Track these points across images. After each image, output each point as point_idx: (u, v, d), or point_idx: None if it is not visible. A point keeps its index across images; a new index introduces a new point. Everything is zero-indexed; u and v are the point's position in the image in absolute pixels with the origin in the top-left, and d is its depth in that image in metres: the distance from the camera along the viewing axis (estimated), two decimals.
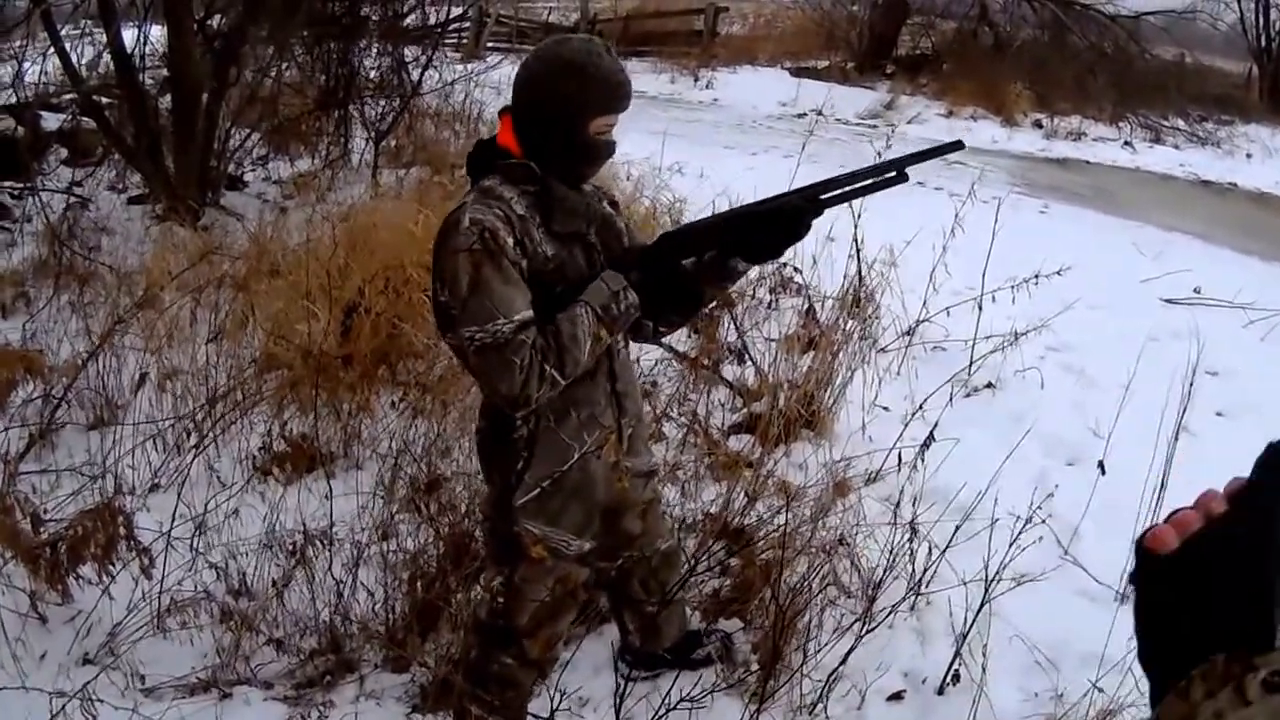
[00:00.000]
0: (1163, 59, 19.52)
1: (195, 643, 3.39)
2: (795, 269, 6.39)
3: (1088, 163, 13.83)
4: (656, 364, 5.28)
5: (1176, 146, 15.67)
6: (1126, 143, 15.50)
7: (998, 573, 3.23)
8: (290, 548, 3.61)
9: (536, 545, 2.63)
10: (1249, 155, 15.48)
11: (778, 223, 2.47)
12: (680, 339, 5.46)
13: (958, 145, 2.61)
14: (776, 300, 6.23)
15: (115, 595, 3.41)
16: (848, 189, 2.48)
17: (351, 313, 4.82)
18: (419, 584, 3.45)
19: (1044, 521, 3.56)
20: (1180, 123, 16.85)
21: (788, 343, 5.52)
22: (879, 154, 5.68)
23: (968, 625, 3.29)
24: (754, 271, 6.26)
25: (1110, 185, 12.27)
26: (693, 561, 3.35)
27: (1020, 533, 3.24)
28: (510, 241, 2.38)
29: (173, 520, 3.55)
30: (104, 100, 8.44)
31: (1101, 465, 3.91)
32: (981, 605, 3.26)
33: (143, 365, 4.98)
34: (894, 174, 2.44)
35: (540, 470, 2.59)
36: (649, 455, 2.98)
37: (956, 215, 5.55)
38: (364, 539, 3.65)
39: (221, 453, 4.45)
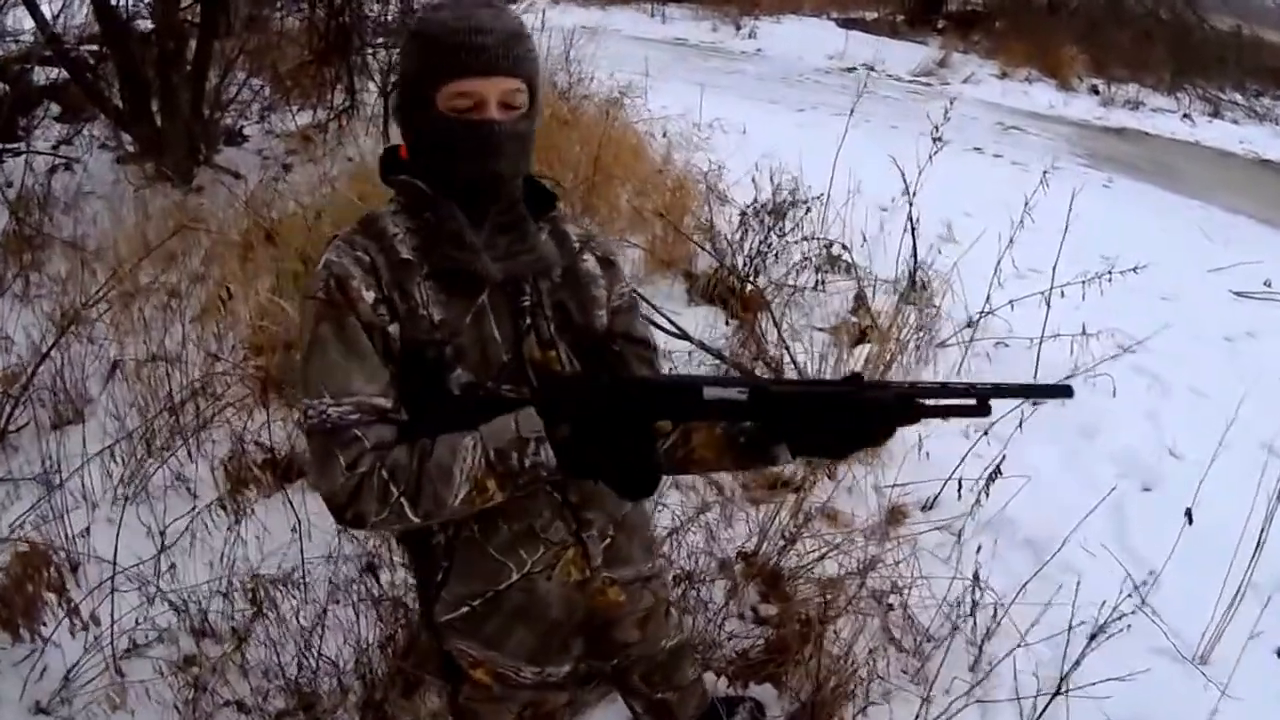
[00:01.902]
0: (1220, 30, 18.72)
1: (152, 693, 2.91)
2: (844, 246, 5.82)
3: (1146, 134, 13.24)
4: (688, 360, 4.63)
5: (1235, 121, 14.99)
6: (1185, 115, 14.82)
7: (1076, 662, 2.71)
8: (250, 594, 3.11)
9: (478, 669, 2.00)
10: None
11: (861, 417, 1.68)
12: (716, 337, 4.87)
13: (1067, 391, 1.74)
14: (823, 281, 5.64)
15: (70, 636, 2.98)
16: (934, 404, 1.70)
17: None
18: (400, 633, 2.95)
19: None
20: (1238, 96, 16.11)
21: (836, 334, 4.97)
22: (936, 125, 5.18)
23: (1036, 714, 2.77)
24: (796, 253, 5.73)
25: (1170, 159, 11.69)
26: (719, 618, 2.86)
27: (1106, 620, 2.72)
28: (368, 296, 1.73)
29: (115, 557, 3.09)
30: (89, 51, 7.92)
31: (1189, 514, 3.38)
32: (1056, 693, 2.73)
33: (105, 355, 4.54)
34: (976, 405, 1.66)
35: (462, 588, 1.93)
36: (647, 559, 2.17)
37: (1026, 204, 4.99)
38: (338, 575, 3.17)
39: (194, 455, 3.95)
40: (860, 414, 1.68)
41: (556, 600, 1.95)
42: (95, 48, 7.91)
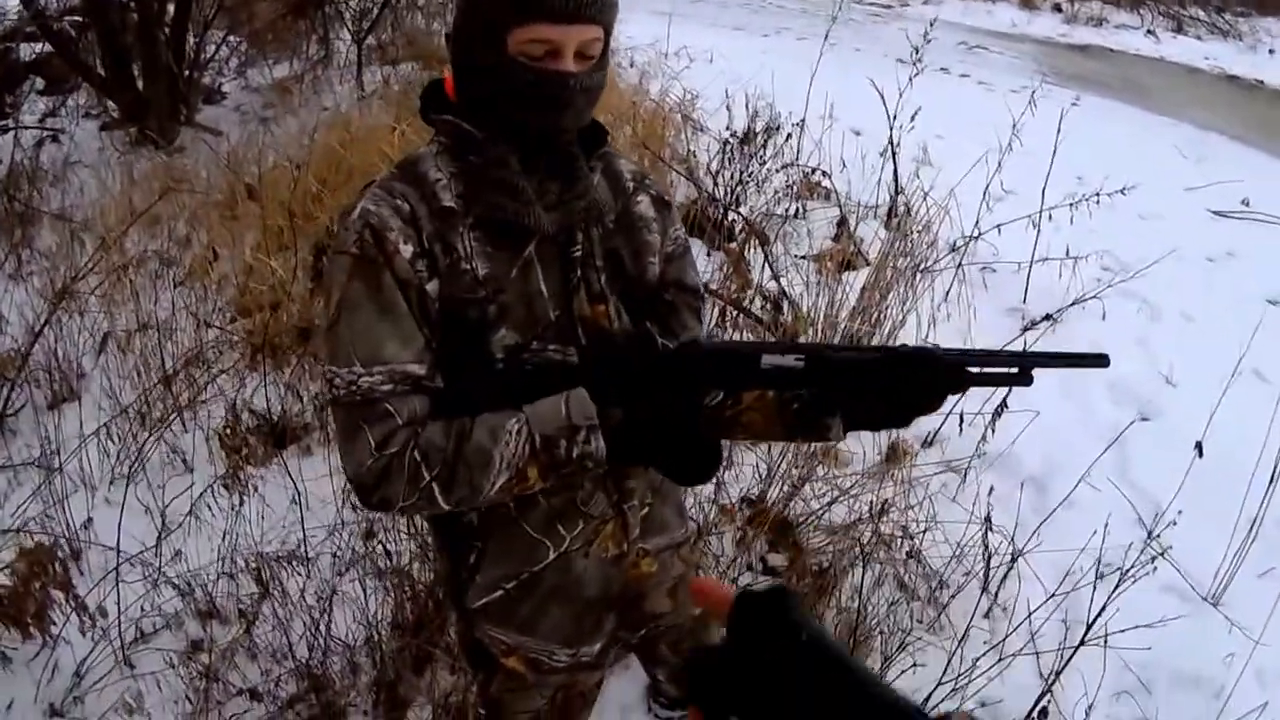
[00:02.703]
0: None
1: (164, 686, 2.77)
2: (824, 173, 5.65)
3: (1111, 50, 13.04)
4: None
5: (1199, 37, 14.83)
6: (1149, 31, 14.60)
7: (1101, 610, 2.58)
8: (256, 574, 2.94)
9: (510, 657, 1.83)
10: (1271, 51, 14.59)
11: (904, 376, 1.53)
12: (703, 271, 4.67)
13: (1103, 361, 1.59)
14: (804, 209, 5.46)
15: (81, 634, 2.87)
16: (980, 373, 1.54)
17: (322, 254, 4.06)
18: (407, 607, 2.78)
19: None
20: (1200, 12, 15.92)
21: (820, 261, 4.80)
22: (916, 49, 4.97)
23: (1061, 663, 2.65)
24: (779, 179, 5.53)
25: (1137, 76, 11.53)
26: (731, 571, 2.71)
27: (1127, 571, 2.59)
28: (406, 250, 1.51)
29: (118, 544, 2.94)
30: (71, 23, 7.77)
31: (1199, 447, 3.26)
32: (1080, 644, 2.61)
33: (97, 328, 4.37)
34: (1018, 373, 1.54)
35: (496, 571, 1.73)
36: (680, 524, 1.98)
37: (1015, 126, 4.81)
38: (342, 549, 2.99)
39: (190, 426, 3.80)
40: (917, 382, 1.53)
41: (592, 578, 1.78)
42: (77, 19, 7.78)
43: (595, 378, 1.55)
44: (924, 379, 1.52)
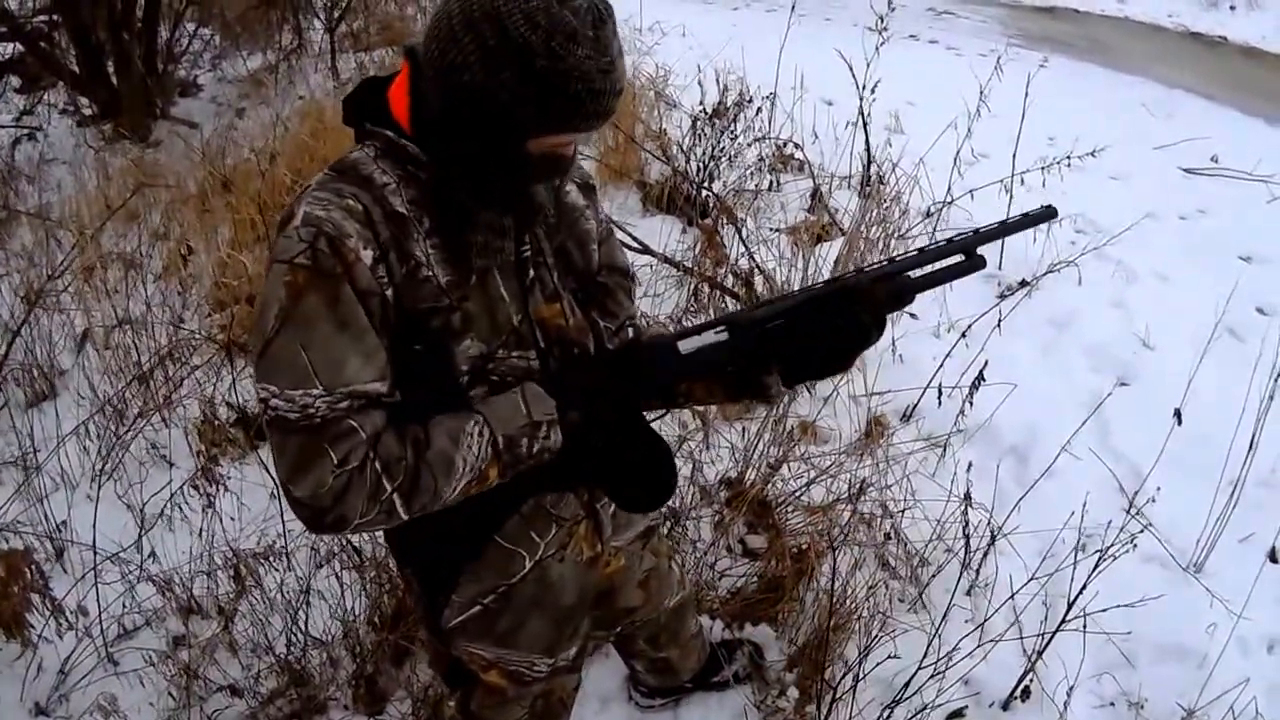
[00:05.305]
0: None
1: (146, 683, 2.70)
2: (796, 145, 5.50)
3: (1077, 11, 12.79)
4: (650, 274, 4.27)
5: None
6: None
7: (1083, 588, 2.48)
8: (234, 570, 2.86)
9: (490, 671, 1.75)
10: (1233, 7, 14.38)
11: (827, 320, 1.46)
12: (676, 247, 4.53)
13: (1050, 213, 1.60)
14: (778, 182, 5.32)
15: (59, 637, 2.81)
16: (924, 275, 1.51)
17: None
18: (385, 600, 2.71)
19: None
20: None
21: (795, 234, 4.66)
22: (881, 17, 4.81)
23: (1042, 644, 2.56)
24: (752, 153, 5.38)
25: (1104, 36, 11.35)
26: (710, 556, 2.61)
27: (1108, 549, 2.49)
28: (367, 256, 1.36)
29: (94, 542, 2.86)
30: (42, 21, 7.67)
31: (1178, 414, 3.14)
32: (1061, 624, 2.51)
33: (74, 325, 4.31)
34: (965, 260, 1.53)
35: (474, 587, 1.65)
36: (643, 516, 1.93)
37: (982, 92, 4.67)
38: (319, 543, 2.91)
39: (169, 421, 3.72)
40: (849, 311, 1.46)
41: (570, 584, 1.71)
42: (47, 17, 7.67)
43: (559, 384, 1.49)
44: (852, 316, 1.45)
